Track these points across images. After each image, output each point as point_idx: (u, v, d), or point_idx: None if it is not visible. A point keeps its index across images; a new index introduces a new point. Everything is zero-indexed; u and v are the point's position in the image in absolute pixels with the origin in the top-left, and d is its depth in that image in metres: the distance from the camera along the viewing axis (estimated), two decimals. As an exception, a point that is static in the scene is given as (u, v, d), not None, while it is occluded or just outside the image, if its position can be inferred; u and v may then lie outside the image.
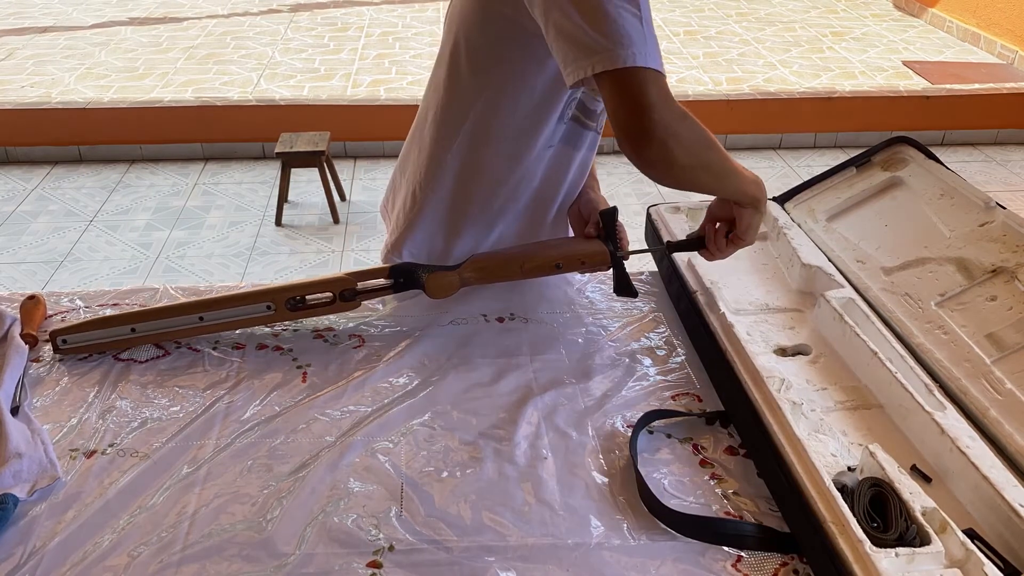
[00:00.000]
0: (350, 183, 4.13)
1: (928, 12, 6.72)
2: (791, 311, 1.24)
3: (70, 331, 1.16)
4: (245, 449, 1.01)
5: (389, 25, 6.52)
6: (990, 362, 1.02)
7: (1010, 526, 0.84)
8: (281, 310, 1.19)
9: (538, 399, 1.10)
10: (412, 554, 0.87)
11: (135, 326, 1.17)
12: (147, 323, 1.17)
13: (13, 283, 3.29)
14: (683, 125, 0.96)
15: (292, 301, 1.19)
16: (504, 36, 1.09)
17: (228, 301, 1.19)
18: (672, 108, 0.95)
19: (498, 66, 1.12)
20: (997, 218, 1.17)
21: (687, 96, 4.66)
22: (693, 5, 7.13)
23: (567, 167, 1.24)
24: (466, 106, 1.17)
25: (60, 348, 1.17)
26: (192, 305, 1.19)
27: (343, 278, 1.19)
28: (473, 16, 1.11)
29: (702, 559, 0.87)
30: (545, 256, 1.21)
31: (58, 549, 0.87)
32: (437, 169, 1.23)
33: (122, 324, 1.17)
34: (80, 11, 6.84)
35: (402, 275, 1.20)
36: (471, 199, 1.25)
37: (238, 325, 1.21)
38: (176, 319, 1.18)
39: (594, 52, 0.93)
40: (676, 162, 0.97)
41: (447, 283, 1.19)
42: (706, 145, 1.01)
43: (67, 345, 1.16)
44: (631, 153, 0.95)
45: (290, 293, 1.18)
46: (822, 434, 0.98)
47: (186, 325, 1.19)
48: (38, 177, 4.19)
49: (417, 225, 1.28)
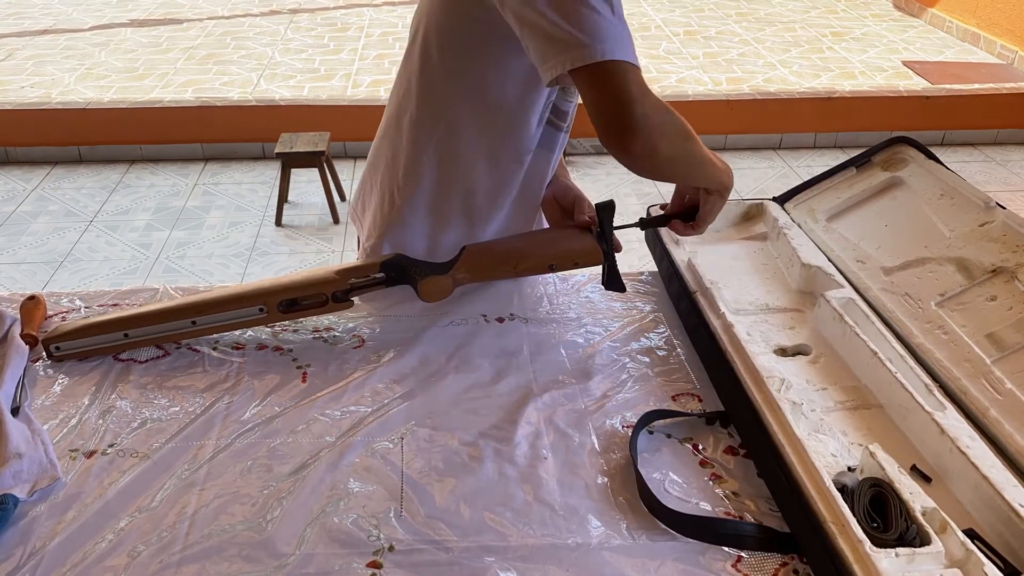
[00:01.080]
0: (350, 183, 4.13)
1: (928, 12, 6.73)
2: (791, 311, 1.24)
3: (63, 337, 1.15)
4: (245, 449, 1.01)
5: (389, 25, 6.52)
6: (990, 362, 1.02)
7: (1010, 526, 0.84)
8: (273, 312, 1.18)
9: (538, 399, 1.10)
10: (412, 554, 0.87)
11: (128, 331, 1.16)
12: (140, 328, 1.17)
13: (13, 283, 3.29)
14: (664, 117, 0.97)
15: (284, 303, 1.18)
16: (475, 39, 1.08)
17: (219, 305, 1.18)
18: (652, 101, 0.95)
19: (470, 69, 1.12)
20: (997, 218, 1.17)
21: (687, 96, 4.66)
22: (693, 5, 7.13)
23: (544, 171, 1.25)
24: (440, 110, 1.16)
25: (54, 355, 1.16)
26: (184, 309, 1.17)
27: (334, 279, 1.18)
28: (442, 17, 1.10)
29: (702, 559, 0.87)
30: (539, 256, 1.20)
31: (58, 549, 0.87)
32: (414, 173, 1.23)
33: (114, 330, 1.16)
34: (80, 11, 6.84)
35: (394, 270, 1.19)
36: (450, 205, 1.24)
37: (230, 328, 1.20)
38: (168, 324, 1.17)
39: (570, 47, 0.92)
40: (660, 154, 0.98)
41: (440, 288, 1.18)
42: (685, 136, 1.01)
43: (60, 352, 1.16)
44: (616, 147, 0.96)
45: (282, 296, 1.18)
46: (822, 434, 0.98)
47: (178, 330, 1.18)
48: (38, 177, 4.19)
49: (396, 227, 1.28)
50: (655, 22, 6.65)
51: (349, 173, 4.24)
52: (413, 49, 1.17)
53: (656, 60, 5.72)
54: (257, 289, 1.18)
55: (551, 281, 1.38)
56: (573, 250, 1.20)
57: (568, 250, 1.20)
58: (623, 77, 0.93)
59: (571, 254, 1.20)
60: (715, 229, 1.43)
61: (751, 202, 1.46)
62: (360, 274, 1.19)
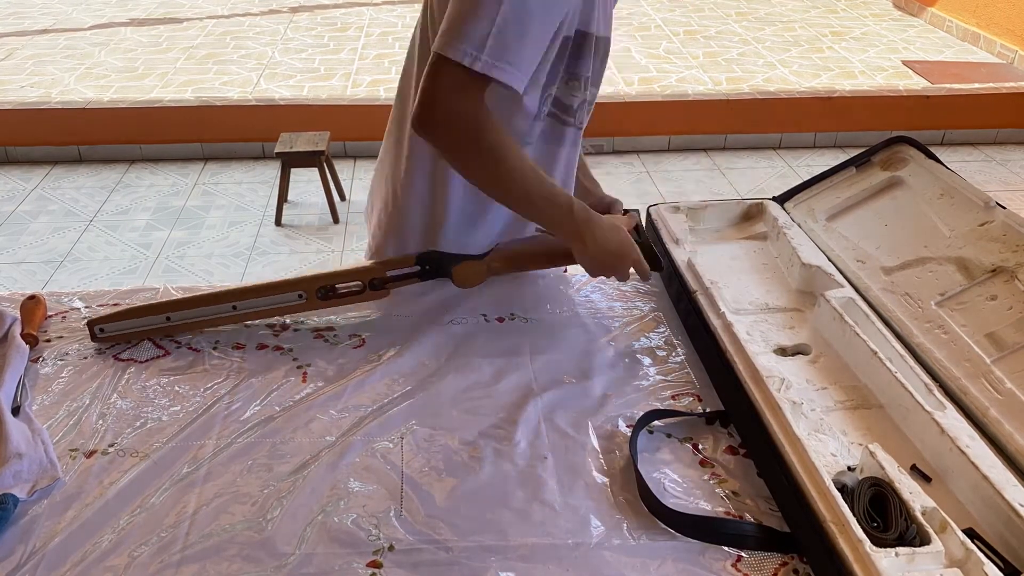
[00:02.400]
0: (350, 183, 4.13)
1: (928, 12, 6.72)
2: (791, 311, 1.24)
3: (107, 320, 1.19)
4: (245, 449, 1.01)
5: (389, 25, 6.52)
6: (990, 362, 1.02)
7: (1010, 526, 0.84)
8: (312, 299, 1.22)
9: (538, 399, 1.10)
10: (412, 554, 0.87)
11: (170, 315, 1.20)
12: (182, 312, 1.21)
13: (13, 283, 3.29)
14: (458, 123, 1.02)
15: (323, 290, 1.21)
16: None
17: (261, 290, 1.22)
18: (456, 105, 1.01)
19: None
20: (997, 218, 1.17)
21: (687, 96, 4.66)
22: (693, 5, 7.13)
23: (551, 166, 1.25)
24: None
25: (98, 336, 1.19)
26: (226, 294, 1.21)
27: (372, 267, 1.23)
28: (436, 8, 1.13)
29: (702, 559, 0.87)
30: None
31: (58, 549, 0.87)
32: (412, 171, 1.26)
33: (158, 313, 1.20)
34: (80, 11, 6.84)
35: (428, 262, 1.23)
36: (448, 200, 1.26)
37: (271, 314, 1.23)
38: (210, 308, 1.21)
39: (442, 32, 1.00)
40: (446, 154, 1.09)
41: (475, 272, 1.23)
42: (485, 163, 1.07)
43: (104, 334, 1.19)
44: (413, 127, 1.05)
45: (321, 282, 1.22)
46: (822, 434, 0.98)
47: (220, 314, 1.22)
48: (38, 177, 4.19)
49: (398, 226, 1.29)
50: (655, 22, 6.64)
51: (349, 173, 4.24)
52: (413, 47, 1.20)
53: (656, 60, 5.72)
54: (297, 277, 1.22)
55: (551, 281, 1.38)
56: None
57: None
58: (439, 69, 1.00)
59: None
60: (715, 229, 1.43)
61: (751, 202, 1.46)
62: (396, 267, 1.23)
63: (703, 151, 4.51)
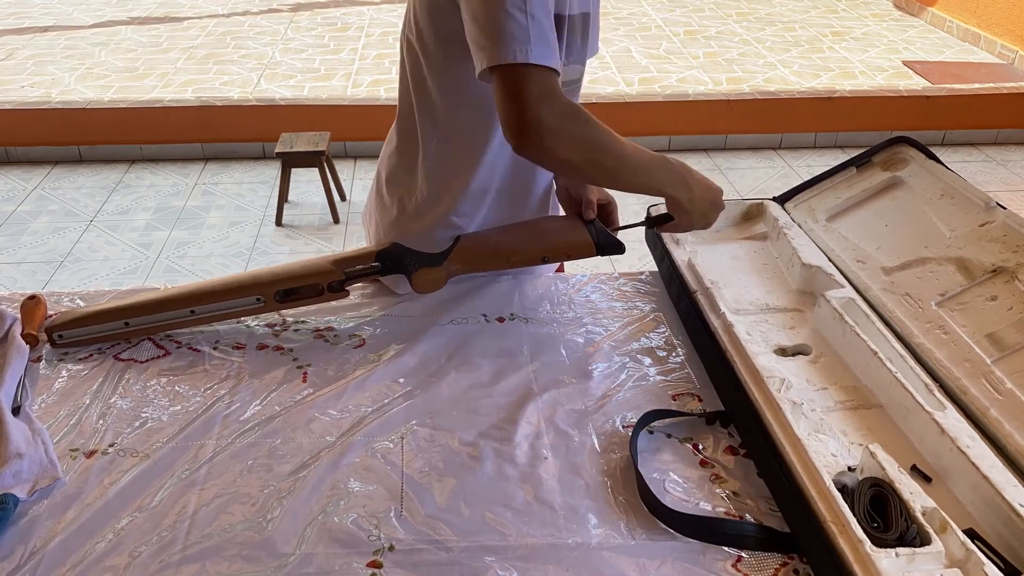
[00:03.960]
0: (350, 183, 4.13)
1: (928, 12, 6.72)
2: (791, 311, 1.24)
3: (64, 327, 1.18)
4: (245, 449, 1.01)
5: (389, 25, 6.52)
6: (990, 362, 1.02)
7: (1010, 526, 0.84)
8: (270, 302, 1.21)
9: (538, 399, 1.10)
10: (412, 554, 0.87)
11: (128, 320, 1.19)
12: (140, 318, 1.19)
13: (13, 283, 3.29)
14: (567, 125, 0.99)
15: (281, 293, 1.20)
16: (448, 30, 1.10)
17: (217, 295, 1.20)
18: (554, 105, 0.98)
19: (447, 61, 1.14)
20: (997, 218, 1.17)
21: (687, 96, 4.66)
22: (693, 5, 7.13)
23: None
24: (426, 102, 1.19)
25: (57, 343, 1.19)
26: (182, 298, 1.20)
27: (330, 269, 1.20)
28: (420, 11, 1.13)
29: (702, 559, 0.87)
30: (532, 248, 1.22)
31: (58, 549, 0.87)
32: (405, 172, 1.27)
33: (115, 319, 1.19)
34: (80, 11, 6.84)
35: (389, 259, 1.21)
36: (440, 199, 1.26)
37: (228, 317, 1.22)
38: (168, 313, 1.20)
39: (481, 49, 0.98)
40: (557, 157, 1.01)
41: (433, 279, 1.21)
42: (596, 147, 1.02)
43: (63, 340, 1.19)
44: (513, 147, 1.00)
45: (279, 286, 1.20)
46: (822, 434, 0.98)
47: (178, 319, 1.20)
48: (38, 177, 4.19)
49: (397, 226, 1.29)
50: (655, 22, 6.64)
51: (349, 173, 4.24)
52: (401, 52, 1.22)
53: (656, 60, 5.72)
54: (254, 279, 1.20)
55: (551, 281, 1.38)
56: (565, 242, 1.22)
57: (560, 242, 1.22)
58: (522, 79, 0.97)
59: (564, 247, 1.22)
60: (715, 229, 1.43)
61: (751, 202, 1.46)
62: (356, 263, 1.21)
63: (703, 151, 4.51)
